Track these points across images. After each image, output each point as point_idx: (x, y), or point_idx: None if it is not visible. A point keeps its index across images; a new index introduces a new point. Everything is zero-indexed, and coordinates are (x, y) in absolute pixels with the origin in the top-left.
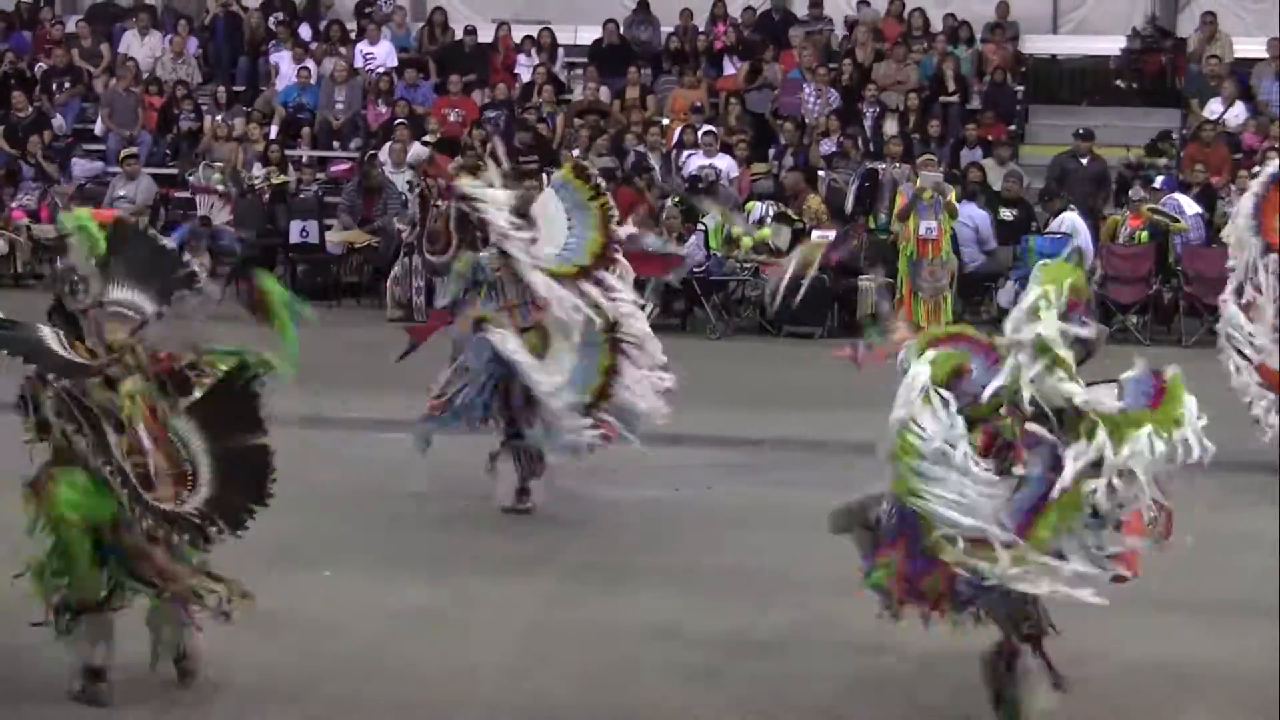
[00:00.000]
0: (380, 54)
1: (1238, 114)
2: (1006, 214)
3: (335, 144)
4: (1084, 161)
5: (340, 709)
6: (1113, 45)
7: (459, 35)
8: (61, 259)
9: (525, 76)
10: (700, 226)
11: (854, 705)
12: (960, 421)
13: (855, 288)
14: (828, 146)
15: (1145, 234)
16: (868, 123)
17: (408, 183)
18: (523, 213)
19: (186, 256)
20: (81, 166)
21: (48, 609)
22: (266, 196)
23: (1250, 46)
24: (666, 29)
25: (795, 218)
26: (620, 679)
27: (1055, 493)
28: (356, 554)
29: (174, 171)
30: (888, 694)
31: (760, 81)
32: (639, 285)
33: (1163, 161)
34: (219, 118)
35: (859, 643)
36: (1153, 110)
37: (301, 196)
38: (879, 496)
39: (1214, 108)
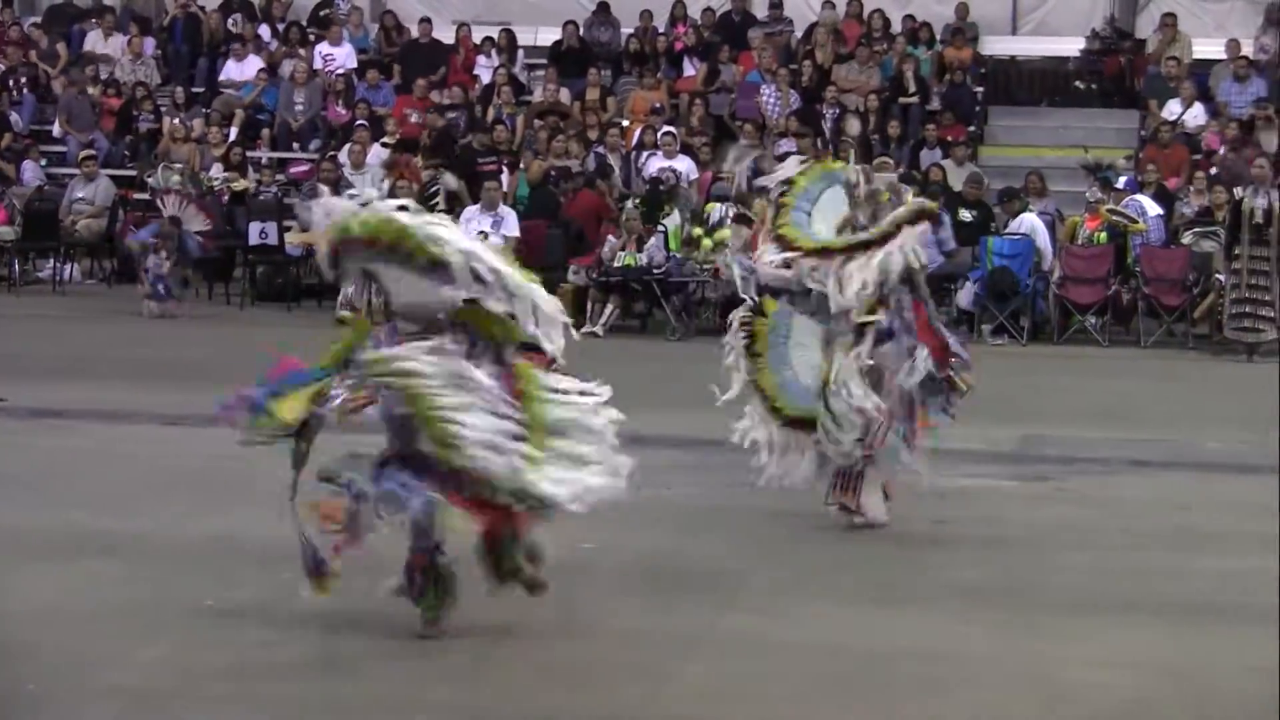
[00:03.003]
0: (340, 55)
1: (1196, 115)
2: (966, 215)
3: (295, 145)
4: None
5: (301, 709)
6: (1072, 46)
7: (417, 35)
8: None
9: (485, 78)
10: (660, 228)
11: (814, 706)
12: None
13: None
14: (786, 146)
15: (1104, 235)
16: (827, 124)
17: (381, 181)
18: None
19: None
20: (31, 170)
21: None
22: (225, 198)
23: (1209, 48)
24: (626, 30)
25: (755, 218)
26: (577, 679)
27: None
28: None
29: (132, 173)
30: (848, 695)
31: (719, 84)
32: None
33: (1122, 162)
34: (177, 119)
35: (820, 644)
36: (1112, 111)
37: (261, 198)
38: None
39: (1173, 109)
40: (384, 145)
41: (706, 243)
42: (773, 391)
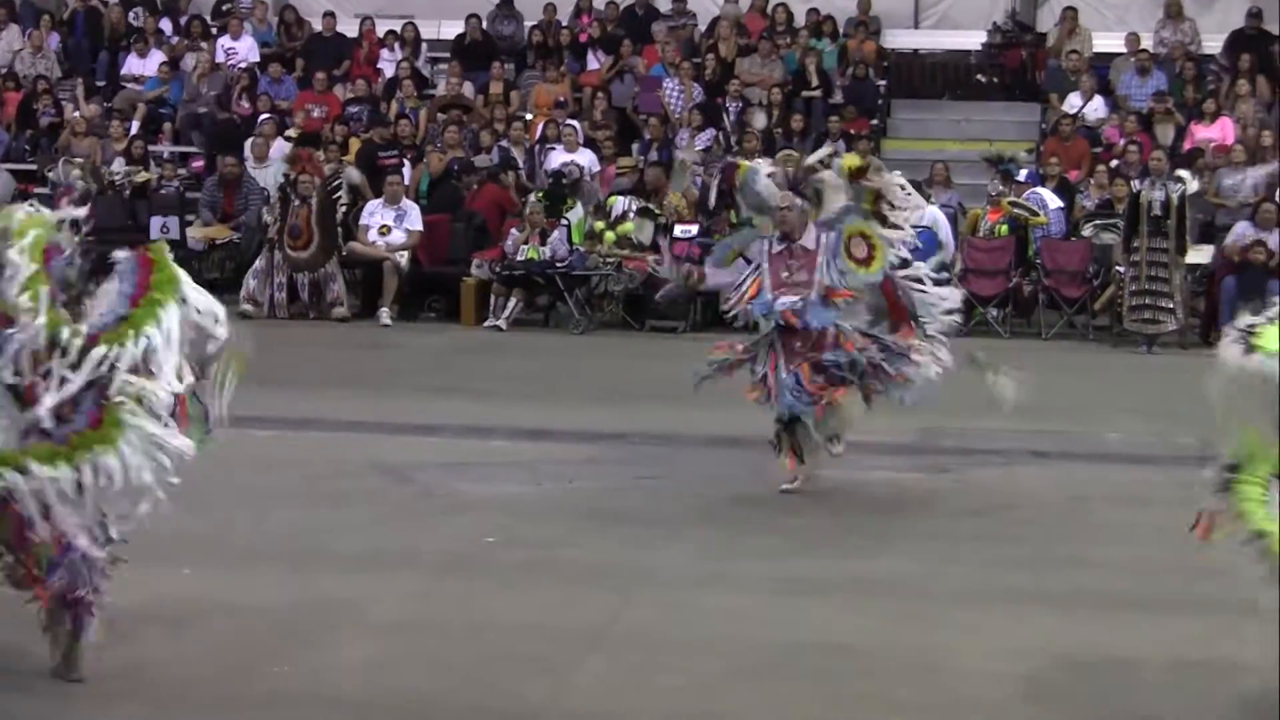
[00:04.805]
0: (242, 49)
1: (1096, 108)
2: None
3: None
4: None
5: (204, 709)
6: (973, 40)
7: (319, 29)
8: None
9: (388, 71)
10: (563, 222)
11: (715, 698)
12: None
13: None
14: (699, 141)
15: (1004, 227)
16: (730, 118)
17: (284, 175)
18: None
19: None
20: None
21: None
22: (127, 192)
23: (1109, 41)
24: (530, 23)
25: (658, 212)
26: (483, 675)
27: None
28: (214, 551)
29: (33, 167)
30: (748, 687)
31: (621, 68)
32: None
33: (1024, 155)
34: (78, 113)
35: (720, 636)
36: (1013, 105)
37: (162, 192)
38: None
39: (1073, 102)
40: (287, 139)
41: (609, 236)
42: None
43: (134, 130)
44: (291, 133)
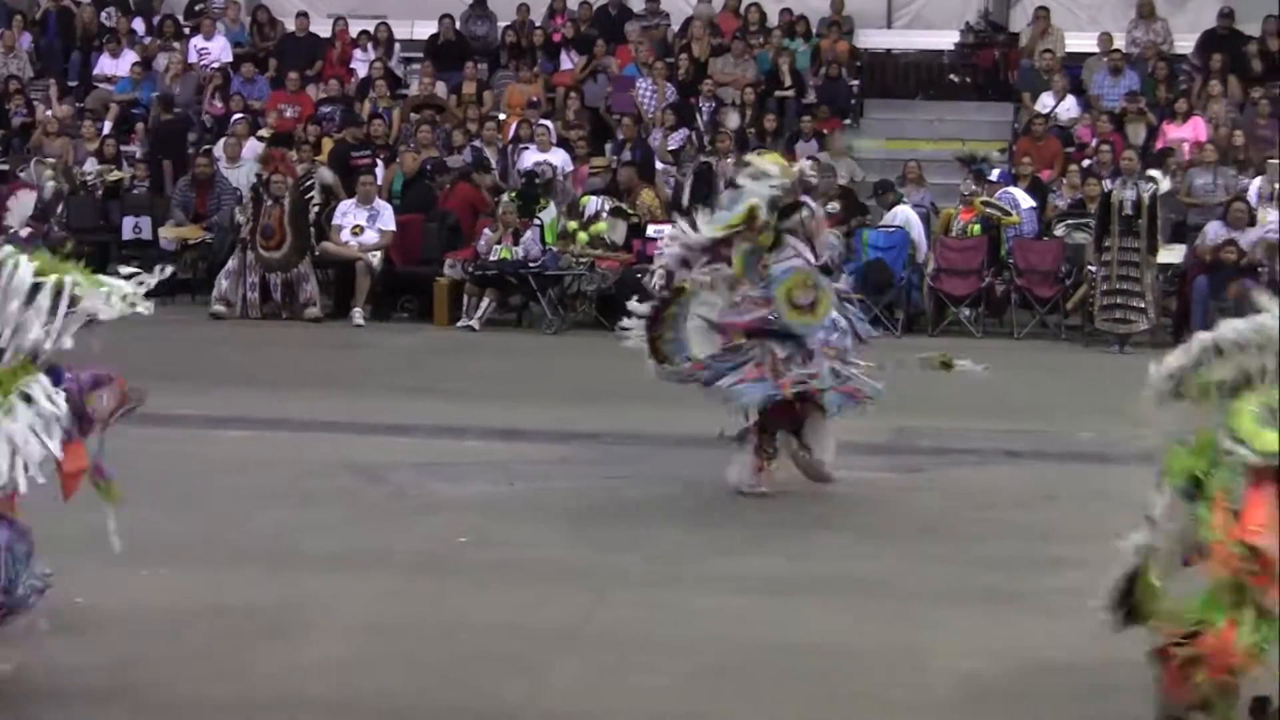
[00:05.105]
0: (215, 49)
1: (1069, 108)
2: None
3: None
4: None
5: (177, 710)
6: (946, 40)
7: (292, 29)
8: None
9: (361, 72)
10: (536, 221)
11: (692, 699)
12: None
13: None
14: (672, 141)
15: (977, 227)
16: (703, 118)
17: (256, 175)
18: None
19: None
20: None
21: None
22: (100, 192)
23: (1082, 41)
24: (503, 24)
25: (630, 212)
26: (456, 675)
27: None
28: (190, 552)
29: (4, 168)
30: (725, 688)
31: (595, 76)
32: None
33: (996, 154)
34: (50, 113)
35: (695, 636)
36: (985, 104)
37: (135, 192)
38: None
39: (1046, 101)
40: (259, 139)
41: (582, 236)
42: None
43: (106, 130)
44: (264, 133)
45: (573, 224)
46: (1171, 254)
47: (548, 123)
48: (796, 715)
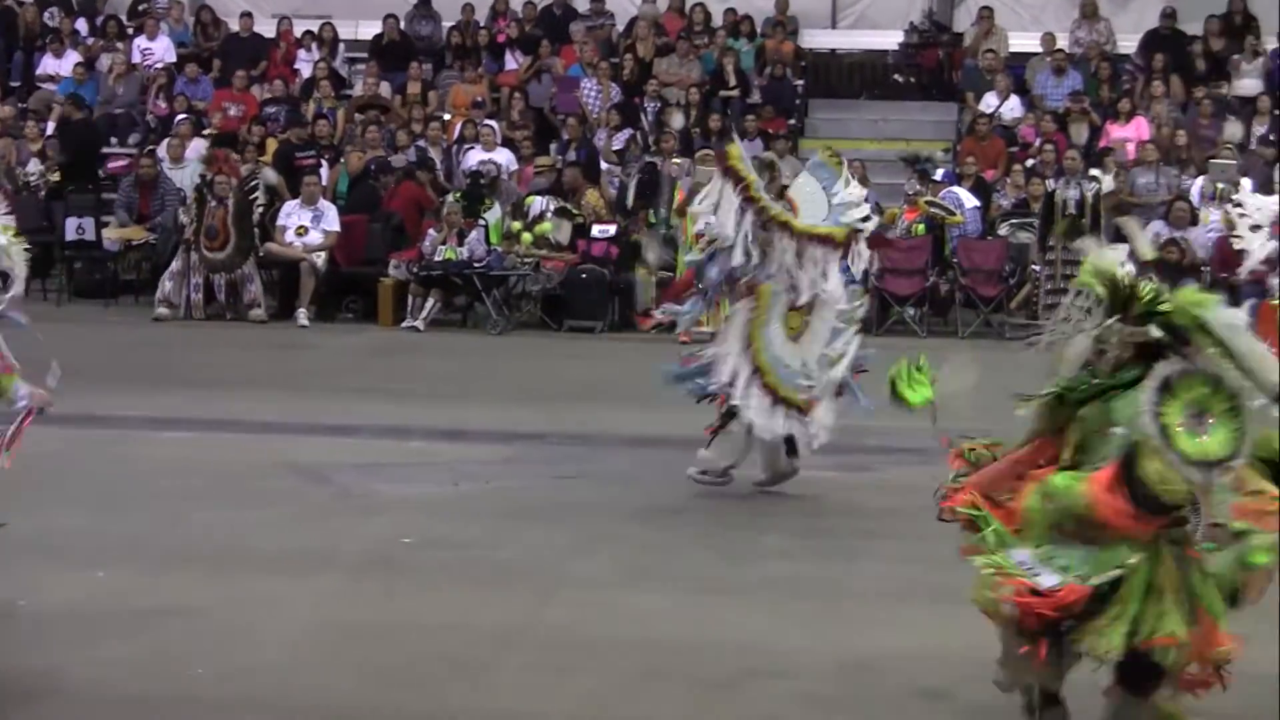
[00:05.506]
0: (159, 49)
1: (1013, 108)
2: None
3: (113, 140)
4: None
5: (120, 712)
6: (890, 40)
7: (236, 29)
8: None
9: (306, 72)
10: (481, 222)
11: (635, 698)
12: None
13: (633, 283)
14: (616, 141)
15: (921, 227)
16: (648, 118)
17: (200, 175)
18: None
19: None
20: None
21: None
22: (42, 193)
23: (1025, 41)
24: (448, 24)
25: (575, 212)
26: (401, 676)
27: None
28: (130, 553)
29: None
30: (668, 687)
31: (540, 76)
32: None
33: (941, 154)
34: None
35: (639, 636)
36: (930, 104)
37: (78, 193)
38: None
39: (990, 101)
40: (204, 139)
41: (527, 236)
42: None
43: (49, 131)
44: (209, 133)
45: (517, 224)
46: (1115, 253)
47: (492, 123)
48: (740, 715)
